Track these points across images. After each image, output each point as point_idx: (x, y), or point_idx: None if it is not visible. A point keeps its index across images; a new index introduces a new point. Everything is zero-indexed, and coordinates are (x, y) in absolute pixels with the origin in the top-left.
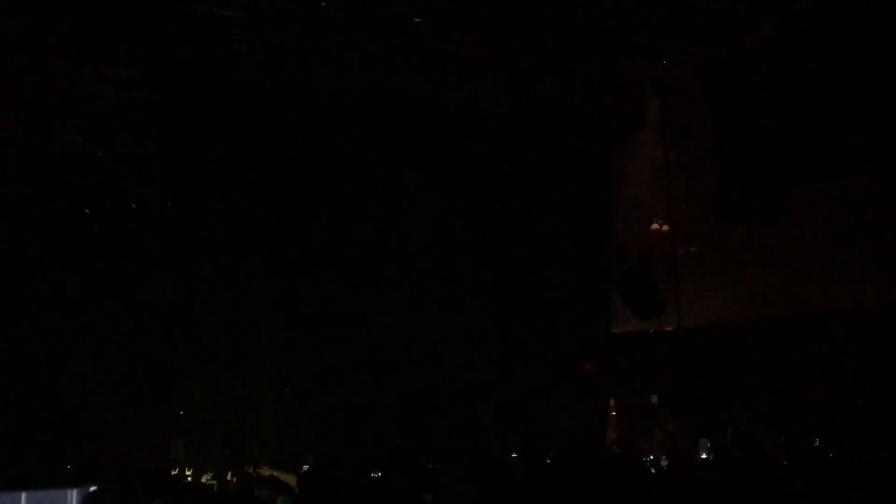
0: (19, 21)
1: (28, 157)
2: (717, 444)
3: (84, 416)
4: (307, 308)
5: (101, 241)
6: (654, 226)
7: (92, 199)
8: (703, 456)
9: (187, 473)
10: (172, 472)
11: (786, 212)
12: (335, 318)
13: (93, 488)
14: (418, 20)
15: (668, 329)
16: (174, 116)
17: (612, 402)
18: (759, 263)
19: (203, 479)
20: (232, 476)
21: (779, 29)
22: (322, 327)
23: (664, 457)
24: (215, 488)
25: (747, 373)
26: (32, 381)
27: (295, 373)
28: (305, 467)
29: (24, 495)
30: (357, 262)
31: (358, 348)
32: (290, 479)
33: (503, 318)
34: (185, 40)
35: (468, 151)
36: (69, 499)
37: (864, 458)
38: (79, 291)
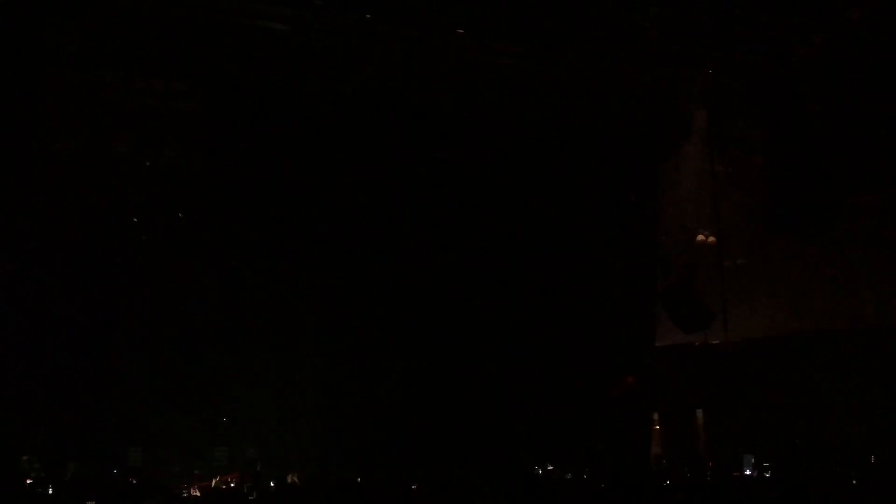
0: (71, 38)
1: (79, 167)
2: (766, 458)
3: (130, 423)
4: (343, 316)
5: (149, 250)
6: (700, 237)
7: (140, 208)
8: (747, 472)
9: (229, 479)
10: (214, 480)
11: (837, 222)
12: (372, 329)
13: None
14: (461, 31)
15: (714, 342)
16: (220, 127)
17: (655, 416)
18: (809, 275)
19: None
20: (255, 480)
21: (830, 38)
22: (357, 337)
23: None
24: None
25: (796, 388)
26: (79, 390)
27: (329, 381)
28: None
29: None
30: (395, 273)
31: (393, 359)
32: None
33: (546, 329)
34: (232, 53)
35: (513, 161)
36: None
37: None
38: (126, 298)
